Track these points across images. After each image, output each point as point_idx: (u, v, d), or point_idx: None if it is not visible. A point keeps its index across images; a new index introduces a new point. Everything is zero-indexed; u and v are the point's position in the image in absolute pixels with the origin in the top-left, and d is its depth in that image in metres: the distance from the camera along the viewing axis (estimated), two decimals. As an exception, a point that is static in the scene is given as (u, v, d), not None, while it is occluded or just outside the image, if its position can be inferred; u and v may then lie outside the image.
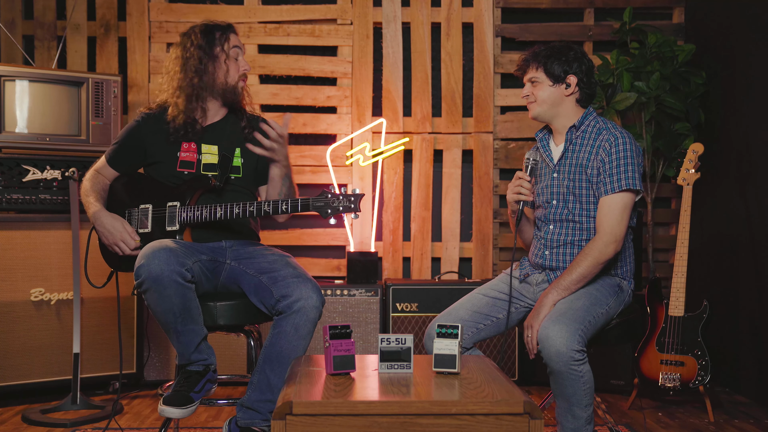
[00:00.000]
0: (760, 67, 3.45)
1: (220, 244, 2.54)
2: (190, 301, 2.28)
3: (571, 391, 2.22)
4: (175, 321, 2.28)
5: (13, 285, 3.24)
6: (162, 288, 2.21)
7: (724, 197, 3.74)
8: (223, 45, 2.59)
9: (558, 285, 2.36)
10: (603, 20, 4.16)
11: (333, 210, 2.33)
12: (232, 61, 2.60)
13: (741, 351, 3.59)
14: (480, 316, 2.46)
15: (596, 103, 3.78)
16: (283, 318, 2.31)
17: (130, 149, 2.64)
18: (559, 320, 2.22)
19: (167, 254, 2.22)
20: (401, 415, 1.63)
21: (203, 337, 2.36)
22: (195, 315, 2.31)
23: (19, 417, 3.11)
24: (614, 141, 2.39)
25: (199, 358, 2.36)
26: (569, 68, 2.46)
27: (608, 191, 2.38)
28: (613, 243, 2.35)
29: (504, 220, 4.13)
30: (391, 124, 4.08)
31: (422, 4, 4.13)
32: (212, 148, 2.60)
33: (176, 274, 2.21)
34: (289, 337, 2.29)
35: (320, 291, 2.35)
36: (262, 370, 2.30)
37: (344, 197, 2.33)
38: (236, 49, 2.61)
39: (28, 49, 4.07)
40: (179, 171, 2.56)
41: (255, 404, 2.29)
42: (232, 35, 2.63)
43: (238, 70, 2.61)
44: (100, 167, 2.68)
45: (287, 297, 2.30)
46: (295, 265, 2.46)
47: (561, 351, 2.17)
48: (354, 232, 4.03)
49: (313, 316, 2.31)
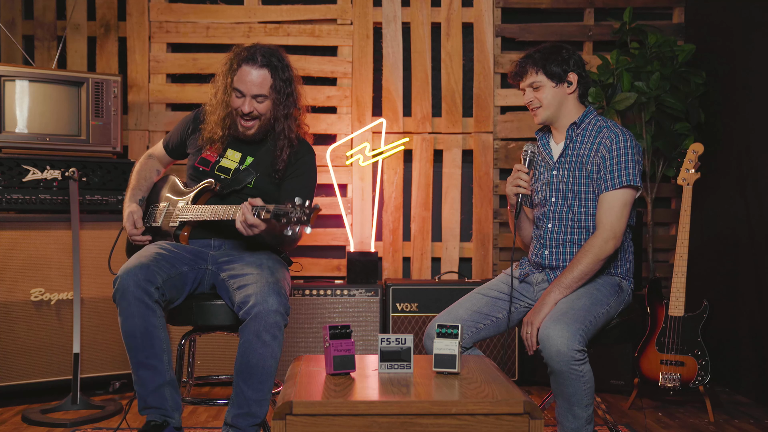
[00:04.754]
0: (760, 67, 3.45)
1: (208, 242, 2.56)
2: (154, 328, 2.25)
3: (572, 391, 2.22)
4: (136, 348, 2.25)
5: (13, 285, 3.23)
6: (127, 304, 2.25)
7: (724, 197, 3.74)
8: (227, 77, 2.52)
9: (559, 283, 2.36)
10: (603, 20, 4.16)
11: (288, 220, 2.17)
12: (232, 94, 2.52)
13: (741, 351, 3.59)
14: (479, 316, 2.46)
15: (596, 103, 3.78)
16: (244, 327, 2.25)
17: (178, 136, 2.77)
18: (560, 320, 2.22)
19: (138, 270, 2.27)
20: (401, 415, 1.63)
21: (165, 383, 2.27)
22: (158, 349, 2.27)
23: (19, 417, 3.11)
24: (615, 138, 2.40)
25: (156, 404, 2.26)
26: (568, 66, 2.47)
27: (608, 187, 2.38)
28: (612, 239, 2.36)
29: (504, 220, 4.13)
30: (391, 124, 4.08)
31: (422, 4, 4.13)
32: (236, 154, 2.61)
33: (142, 291, 2.24)
34: (253, 346, 2.23)
35: (282, 295, 2.27)
36: (237, 384, 2.26)
37: (300, 208, 2.16)
38: (237, 92, 2.50)
39: (28, 49, 4.07)
40: (196, 166, 2.62)
41: (235, 420, 2.25)
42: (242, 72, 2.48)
43: (233, 106, 2.53)
44: (154, 150, 2.84)
45: (245, 303, 2.26)
46: (267, 267, 2.38)
47: (562, 351, 2.17)
48: (354, 232, 4.03)
49: (272, 320, 2.22)
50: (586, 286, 2.38)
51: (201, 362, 3.61)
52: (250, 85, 2.47)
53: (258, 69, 2.48)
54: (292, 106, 2.56)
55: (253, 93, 2.48)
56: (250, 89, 2.48)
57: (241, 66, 2.48)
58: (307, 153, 2.65)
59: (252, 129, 2.55)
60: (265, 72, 2.48)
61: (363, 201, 4.07)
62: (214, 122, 2.58)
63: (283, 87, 2.51)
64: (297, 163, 2.60)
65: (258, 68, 2.47)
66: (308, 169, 2.61)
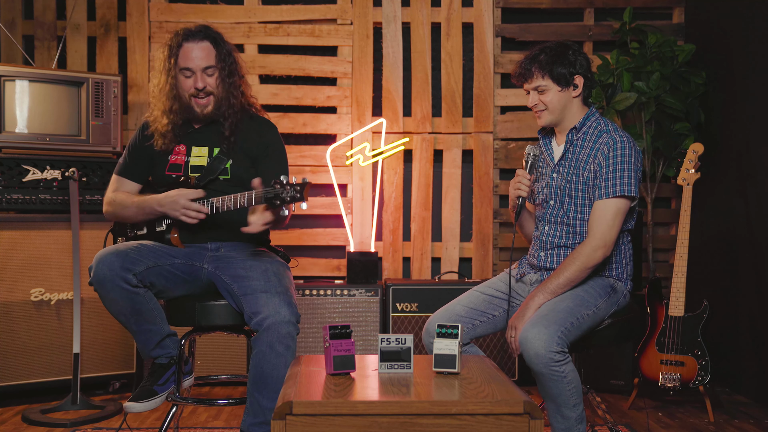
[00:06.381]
0: (760, 67, 3.45)
1: (205, 246, 2.52)
2: (141, 305, 2.32)
3: (556, 392, 2.21)
4: (128, 321, 2.35)
5: (13, 285, 3.24)
6: (106, 292, 2.28)
7: (724, 197, 3.74)
8: (170, 60, 2.49)
9: (544, 288, 2.34)
10: (603, 20, 4.16)
11: (281, 200, 2.20)
12: (180, 77, 2.49)
13: (741, 351, 3.59)
14: (476, 313, 2.46)
15: (596, 103, 3.78)
16: (257, 338, 2.26)
17: (136, 155, 2.61)
18: (538, 323, 2.21)
19: (113, 258, 2.27)
20: (401, 415, 1.63)
21: (164, 336, 2.40)
22: (149, 316, 2.35)
23: (19, 417, 3.11)
24: (613, 145, 2.37)
25: (161, 353, 2.40)
26: (574, 69, 2.42)
27: (602, 195, 2.36)
28: (602, 248, 2.33)
29: (504, 220, 4.13)
30: (391, 124, 4.08)
31: (422, 4, 4.13)
32: (202, 150, 2.57)
33: (119, 278, 2.26)
34: (267, 357, 2.24)
35: (292, 304, 2.28)
36: (251, 394, 2.27)
37: (291, 187, 2.19)
38: (186, 71, 2.47)
39: (28, 49, 4.07)
40: (167, 174, 2.55)
41: (251, 428, 2.26)
42: (184, 51, 2.47)
43: (186, 89, 2.49)
44: (117, 186, 2.60)
45: (257, 314, 2.26)
46: (273, 274, 2.38)
47: (540, 353, 2.16)
48: (354, 232, 4.04)
49: (285, 331, 2.23)
50: (575, 288, 2.36)
51: (201, 362, 3.61)
52: (197, 59, 2.48)
53: (200, 42, 2.48)
54: (236, 75, 2.56)
55: (202, 66, 2.48)
56: (198, 63, 2.48)
57: (182, 45, 2.48)
58: (270, 128, 2.63)
59: (209, 106, 2.52)
60: (207, 44, 2.49)
61: (363, 201, 4.07)
62: (160, 112, 2.53)
63: (226, 56, 2.53)
64: (263, 141, 2.57)
65: (200, 41, 2.49)
66: (278, 145, 2.61)
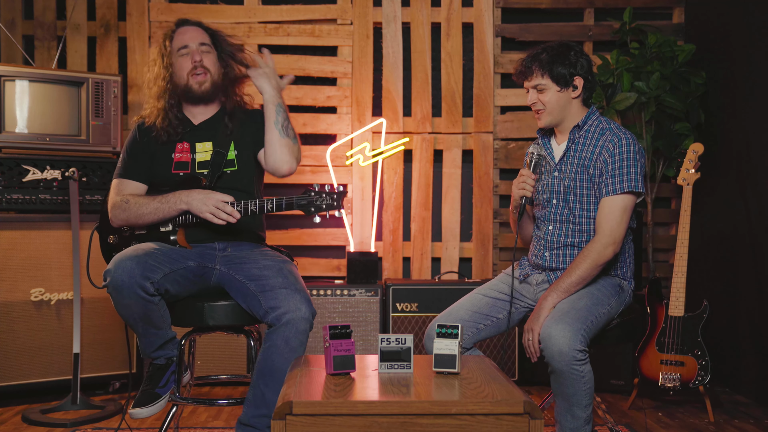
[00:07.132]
0: (760, 67, 3.45)
1: (213, 246, 2.52)
2: (153, 312, 2.32)
3: (572, 391, 2.22)
4: (135, 325, 2.36)
5: (13, 285, 3.24)
6: (122, 297, 2.26)
7: (724, 197, 3.74)
8: (165, 44, 2.59)
9: (557, 287, 2.35)
10: (603, 20, 4.16)
11: (316, 208, 2.30)
12: (177, 59, 2.57)
13: (741, 351, 3.59)
14: (480, 316, 2.45)
15: (596, 103, 3.78)
16: (272, 331, 2.28)
17: (140, 158, 2.58)
18: (561, 319, 2.22)
19: (133, 265, 2.24)
20: (401, 415, 1.62)
21: (167, 340, 2.41)
22: (158, 323, 2.36)
23: (19, 417, 3.11)
24: (618, 142, 2.38)
25: (161, 354, 2.42)
26: (574, 70, 2.42)
27: (609, 192, 2.37)
28: (612, 245, 2.35)
29: (504, 220, 4.13)
30: (391, 124, 4.08)
31: (422, 4, 4.13)
32: (206, 145, 2.57)
33: (138, 287, 2.24)
34: (280, 351, 2.25)
35: (310, 301, 2.32)
36: (257, 385, 2.27)
37: (327, 195, 2.29)
38: (183, 49, 2.56)
39: (28, 49, 4.07)
40: (174, 173, 2.54)
41: (252, 420, 2.26)
42: (179, 34, 2.59)
43: (184, 68, 2.56)
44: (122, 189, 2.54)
45: (275, 309, 2.27)
46: (289, 272, 2.40)
47: (563, 350, 2.16)
48: (354, 232, 4.03)
49: (302, 327, 2.27)
50: (587, 286, 2.38)
51: (201, 362, 3.61)
52: (192, 37, 2.58)
53: (192, 25, 2.63)
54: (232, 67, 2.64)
55: (198, 41, 2.58)
56: (193, 38, 2.58)
57: (176, 31, 2.61)
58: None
59: (206, 83, 2.56)
60: (199, 28, 2.63)
61: (363, 201, 4.07)
62: (155, 98, 2.57)
63: (219, 43, 2.63)
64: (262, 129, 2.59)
65: (192, 25, 2.63)
66: None
